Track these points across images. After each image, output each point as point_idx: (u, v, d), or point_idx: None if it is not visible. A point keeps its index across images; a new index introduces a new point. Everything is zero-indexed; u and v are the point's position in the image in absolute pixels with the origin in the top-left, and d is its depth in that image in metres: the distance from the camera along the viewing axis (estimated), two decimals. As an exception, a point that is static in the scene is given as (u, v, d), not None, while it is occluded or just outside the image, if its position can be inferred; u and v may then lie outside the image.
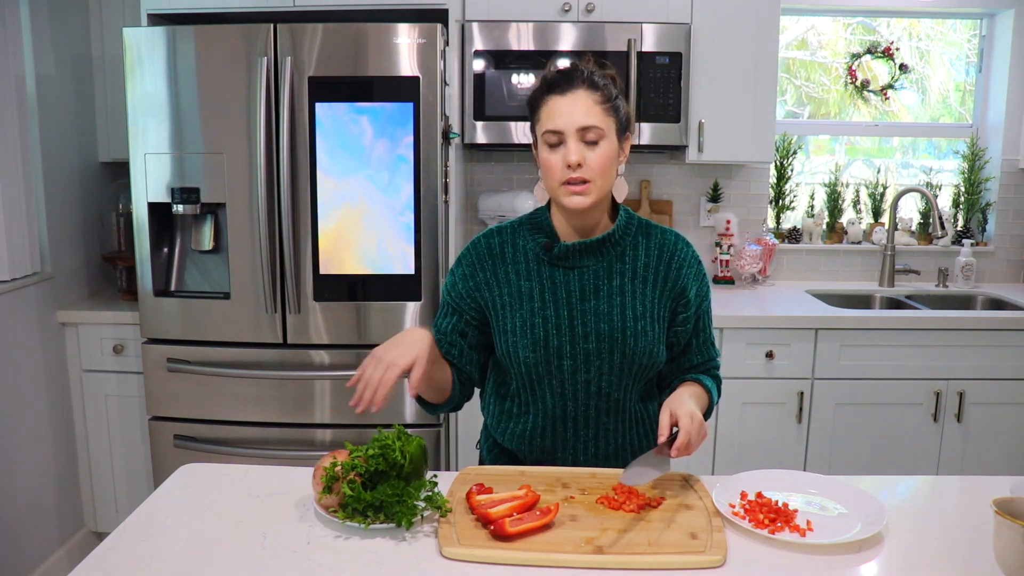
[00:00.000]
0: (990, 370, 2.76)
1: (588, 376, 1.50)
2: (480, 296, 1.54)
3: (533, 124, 1.49)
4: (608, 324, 1.48)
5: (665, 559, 1.17)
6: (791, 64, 3.51)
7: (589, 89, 1.43)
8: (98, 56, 2.95)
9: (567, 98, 1.43)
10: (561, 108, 1.42)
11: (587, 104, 1.42)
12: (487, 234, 1.58)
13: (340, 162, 2.44)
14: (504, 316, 1.52)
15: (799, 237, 3.41)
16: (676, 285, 1.52)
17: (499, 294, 1.53)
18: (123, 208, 2.99)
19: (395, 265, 2.48)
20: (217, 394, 2.57)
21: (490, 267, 1.54)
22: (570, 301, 1.50)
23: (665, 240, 1.54)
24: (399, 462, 1.28)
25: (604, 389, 1.51)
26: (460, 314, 1.56)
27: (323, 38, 2.40)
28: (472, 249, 1.58)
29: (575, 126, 1.42)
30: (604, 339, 1.48)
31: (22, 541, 2.62)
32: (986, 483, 1.47)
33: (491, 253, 1.55)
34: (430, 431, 2.54)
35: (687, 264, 1.54)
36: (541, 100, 1.46)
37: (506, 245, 1.55)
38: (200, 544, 1.23)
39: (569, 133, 1.42)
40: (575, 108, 1.42)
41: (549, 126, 1.43)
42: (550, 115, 1.43)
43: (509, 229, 1.57)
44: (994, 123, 3.38)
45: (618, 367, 1.49)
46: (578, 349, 1.48)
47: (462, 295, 1.56)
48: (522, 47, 2.82)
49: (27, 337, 2.65)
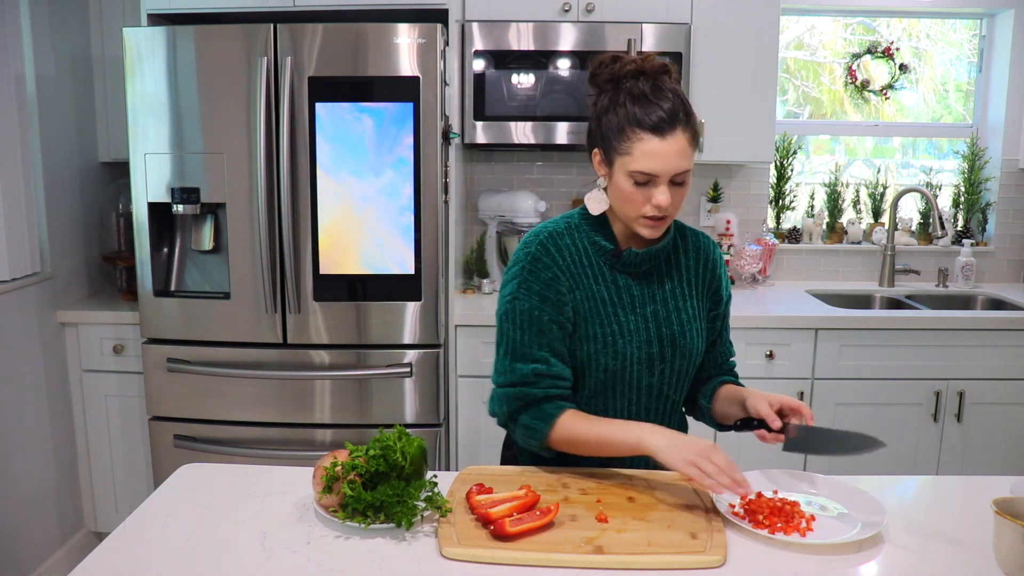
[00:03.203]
0: (990, 370, 2.76)
1: (651, 380, 1.51)
2: (571, 299, 1.46)
3: (613, 148, 1.39)
4: (668, 328, 1.49)
5: (665, 559, 1.17)
6: (791, 64, 3.51)
7: (685, 130, 1.36)
8: (98, 56, 2.95)
9: (667, 142, 1.34)
10: (659, 151, 1.34)
11: (682, 147, 1.36)
12: (552, 234, 1.48)
13: (340, 162, 2.44)
14: (586, 323, 1.46)
15: (799, 237, 3.41)
16: (711, 285, 1.56)
17: (581, 298, 1.46)
18: (123, 208, 2.99)
19: (395, 265, 2.48)
20: (217, 394, 2.57)
21: (567, 268, 1.46)
22: (634, 306, 1.49)
23: (699, 241, 1.58)
24: (400, 463, 1.28)
25: (665, 391, 1.53)
26: (562, 325, 1.44)
27: (323, 38, 2.40)
28: (543, 250, 1.46)
29: (671, 172, 1.36)
30: (667, 343, 1.49)
31: (22, 541, 2.62)
32: (986, 483, 1.47)
33: (563, 254, 1.47)
34: (430, 431, 2.54)
35: (719, 264, 1.59)
36: (632, 135, 1.36)
37: (571, 248, 1.48)
38: (200, 544, 1.23)
39: (664, 178, 1.36)
40: (672, 153, 1.35)
41: (644, 167, 1.35)
42: (645, 155, 1.35)
43: (566, 230, 1.49)
44: (994, 123, 3.38)
45: (678, 369, 1.52)
46: (643, 354, 1.48)
47: (558, 301, 1.44)
48: (522, 47, 2.82)
49: (27, 337, 2.65)
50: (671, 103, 1.36)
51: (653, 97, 1.36)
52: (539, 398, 1.43)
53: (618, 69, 1.40)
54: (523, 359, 1.44)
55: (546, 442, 1.44)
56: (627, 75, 1.39)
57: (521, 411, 1.45)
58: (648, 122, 1.35)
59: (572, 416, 1.43)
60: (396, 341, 2.52)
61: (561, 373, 1.45)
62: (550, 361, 1.44)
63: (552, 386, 1.44)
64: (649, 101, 1.36)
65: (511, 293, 1.46)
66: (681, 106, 1.37)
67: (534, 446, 1.46)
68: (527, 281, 1.45)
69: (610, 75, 1.41)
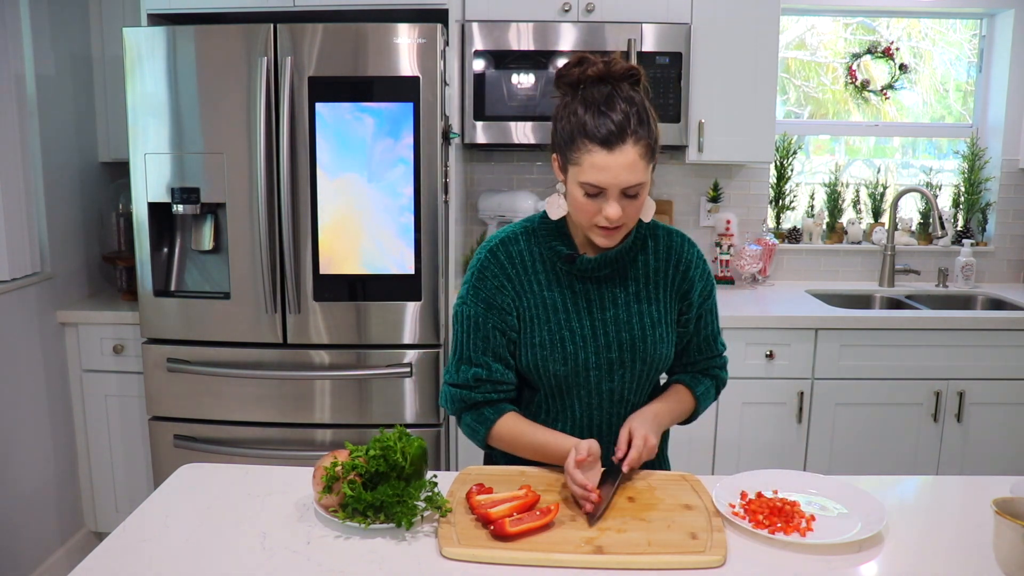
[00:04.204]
0: (990, 370, 2.76)
1: (612, 385, 1.50)
2: (516, 307, 1.47)
3: (566, 158, 1.36)
4: (629, 333, 1.48)
5: (665, 559, 1.17)
6: (791, 64, 3.51)
7: (636, 144, 1.31)
8: (98, 56, 2.95)
9: (614, 155, 1.30)
10: (606, 164, 1.31)
11: (632, 161, 1.31)
12: (504, 241, 1.49)
13: (340, 162, 2.44)
14: (532, 328, 1.47)
15: (799, 237, 3.41)
16: (682, 287, 1.53)
17: (528, 305, 1.47)
18: (123, 208, 2.99)
19: (395, 265, 2.48)
20: (217, 394, 2.57)
21: (515, 277, 1.47)
22: (591, 311, 1.48)
23: (671, 242, 1.54)
24: (400, 463, 1.28)
25: (626, 396, 1.52)
26: (505, 332, 1.47)
27: (323, 38, 2.40)
28: (492, 258, 1.48)
29: (619, 186, 1.32)
30: (626, 348, 1.48)
31: (22, 541, 2.62)
32: (986, 483, 1.46)
33: (513, 262, 1.48)
34: (430, 431, 2.54)
35: (693, 265, 1.54)
36: (582, 145, 1.32)
37: (524, 253, 1.48)
38: (200, 544, 1.23)
39: (612, 192, 1.33)
40: (620, 166, 1.31)
41: (591, 179, 1.32)
42: (593, 167, 1.31)
43: (522, 235, 1.50)
44: (994, 123, 3.38)
45: (639, 374, 1.51)
46: (602, 359, 1.48)
47: (503, 309, 1.46)
48: (522, 47, 2.82)
49: (27, 337, 2.65)
50: (622, 115, 1.31)
51: (605, 107, 1.31)
52: (478, 402, 1.49)
53: (580, 73, 1.36)
54: (467, 363, 1.49)
55: (486, 442, 1.52)
56: (588, 80, 1.35)
57: (463, 412, 1.51)
58: (596, 134, 1.31)
59: (510, 421, 1.48)
60: (396, 341, 2.52)
61: (502, 378, 1.48)
62: (491, 367, 1.48)
63: (492, 391, 1.48)
64: (600, 112, 1.31)
65: (461, 298, 1.51)
66: (634, 117, 1.31)
67: (477, 443, 1.54)
68: (475, 288, 1.49)
69: (572, 79, 1.37)
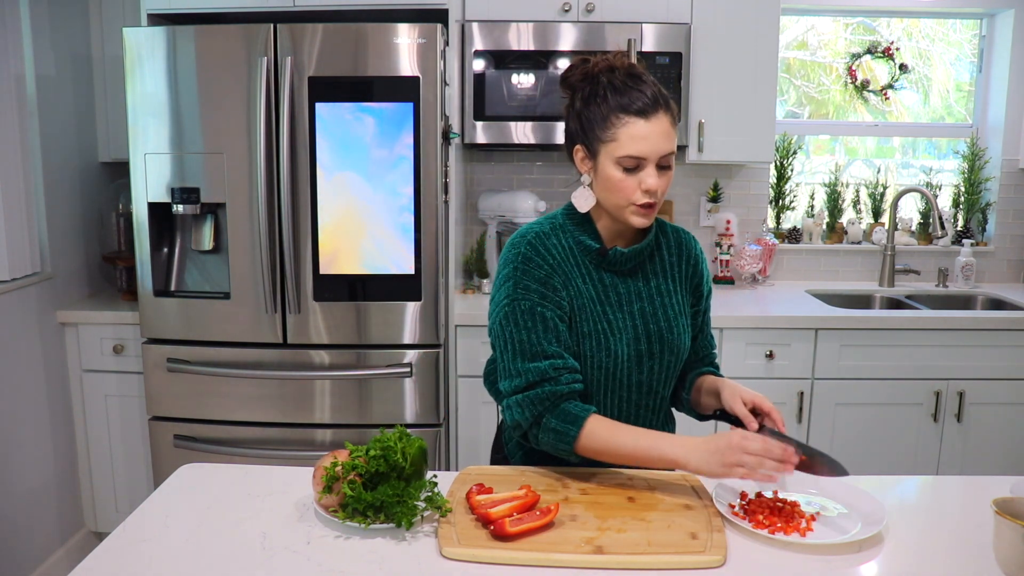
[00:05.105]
0: (990, 370, 2.76)
1: (641, 377, 1.51)
2: (568, 295, 1.46)
3: (598, 139, 1.41)
4: (656, 325, 1.51)
5: (665, 559, 1.17)
6: (791, 64, 3.51)
7: (667, 112, 1.40)
8: (98, 56, 2.95)
9: (652, 124, 1.38)
10: (646, 133, 1.37)
11: (667, 128, 1.39)
12: (539, 234, 1.48)
13: (340, 162, 2.44)
14: (580, 319, 1.46)
15: (799, 237, 3.41)
16: (693, 280, 1.59)
17: (573, 295, 1.47)
18: (123, 208, 2.99)
19: (395, 265, 2.48)
20: (217, 394, 2.57)
21: (557, 267, 1.46)
22: (621, 304, 1.50)
23: (680, 237, 1.61)
24: (400, 463, 1.28)
25: (654, 387, 1.54)
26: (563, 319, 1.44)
27: (323, 38, 2.40)
28: (533, 249, 1.45)
29: (659, 153, 1.39)
30: (655, 340, 1.50)
31: (22, 541, 2.62)
32: (986, 483, 1.47)
33: (552, 253, 1.46)
34: (430, 431, 2.54)
35: (701, 260, 1.61)
36: (617, 121, 1.38)
37: (557, 247, 1.48)
38: (200, 544, 1.23)
39: (652, 160, 1.39)
40: (658, 134, 1.38)
41: (631, 151, 1.38)
42: (632, 139, 1.37)
43: (551, 230, 1.49)
44: (994, 123, 3.38)
45: (667, 365, 1.53)
46: (633, 351, 1.49)
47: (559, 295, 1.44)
48: (522, 47, 2.82)
49: (27, 337, 2.65)
50: (652, 88, 1.40)
51: (633, 84, 1.40)
52: (564, 394, 1.39)
53: (591, 67, 1.44)
54: (535, 357, 1.41)
55: (575, 447, 1.39)
56: (601, 71, 1.43)
57: (546, 412, 1.40)
58: (633, 107, 1.38)
59: (598, 422, 1.39)
60: (396, 341, 2.52)
61: (575, 366, 1.43)
62: (564, 355, 1.42)
63: (573, 380, 1.41)
64: (630, 88, 1.40)
65: (508, 295, 1.44)
66: (660, 91, 1.41)
67: (563, 452, 1.40)
68: (523, 281, 1.43)
69: (583, 73, 1.45)
